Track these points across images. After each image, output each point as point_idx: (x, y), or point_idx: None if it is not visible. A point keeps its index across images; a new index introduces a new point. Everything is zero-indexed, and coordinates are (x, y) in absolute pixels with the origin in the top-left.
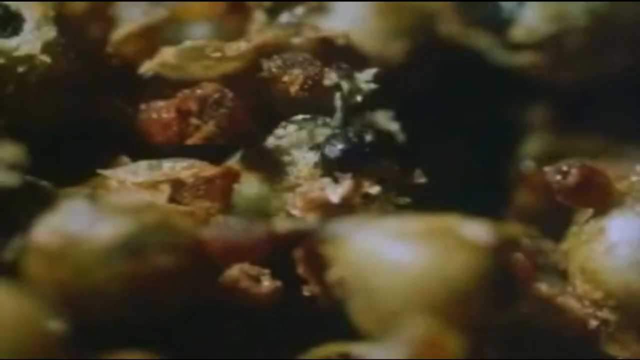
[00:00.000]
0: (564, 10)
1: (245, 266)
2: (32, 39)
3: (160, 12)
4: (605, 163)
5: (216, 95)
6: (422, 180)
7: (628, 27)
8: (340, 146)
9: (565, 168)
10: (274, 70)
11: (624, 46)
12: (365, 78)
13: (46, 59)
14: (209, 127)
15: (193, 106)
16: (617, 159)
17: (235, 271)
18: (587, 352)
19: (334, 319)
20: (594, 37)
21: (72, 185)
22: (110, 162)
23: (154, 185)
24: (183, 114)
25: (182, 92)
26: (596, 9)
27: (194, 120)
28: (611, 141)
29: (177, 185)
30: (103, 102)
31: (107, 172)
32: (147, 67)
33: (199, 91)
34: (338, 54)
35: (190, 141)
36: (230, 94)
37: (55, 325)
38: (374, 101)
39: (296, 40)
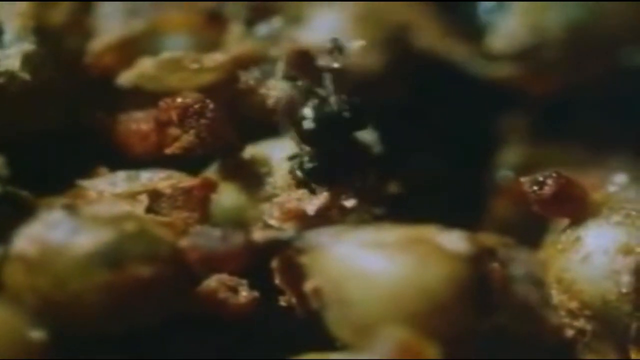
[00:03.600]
0: (542, 21)
1: (224, 277)
2: (11, 51)
3: (138, 23)
4: (582, 172)
5: (197, 106)
6: (399, 190)
7: (605, 37)
8: (313, 116)
9: (541, 178)
10: (250, 82)
11: (601, 56)
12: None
13: (26, 70)
14: (188, 137)
15: (174, 115)
16: (594, 168)
17: (213, 281)
18: None
19: (311, 328)
20: (572, 48)
21: (51, 195)
22: (88, 172)
23: (132, 196)
24: (162, 124)
25: (163, 101)
26: (575, 20)
27: (172, 131)
28: (588, 151)
29: (155, 195)
30: (81, 113)
31: (85, 183)
32: (125, 78)
33: (180, 100)
34: (315, 65)
35: (169, 150)
36: (211, 105)
37: (37, 334)
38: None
39: (273, 52)
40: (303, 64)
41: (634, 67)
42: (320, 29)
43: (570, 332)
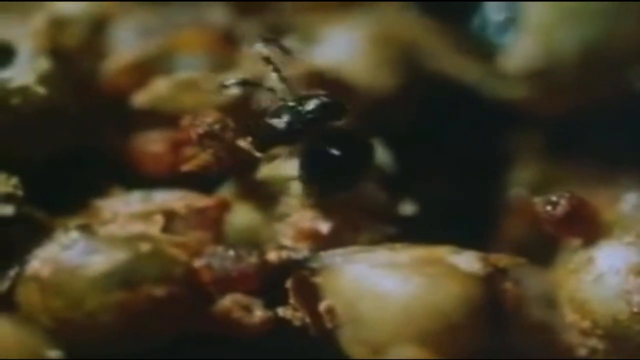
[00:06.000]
0: (555, 41)
1: (238, 296)
2: (26, 71)
3: (152, 44)
4: (594, 191)
5: (218, 125)
6: (411, 211)
7: (619, 58)
8: (285, 117)
9: (554, 199)
10: (264, 101)
11: (614, 76)
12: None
13: (41, 90)
14: (205, 156)
15: (194, 134)
16: (606, 187)
17: (227, 301)
18: None
19: (325, 348)
20: (586, 68)
21: (66, 215)
22: (103, 192)
23: (147, 216)
24: (177, 144)
25: (185, 119)
26: (588, 40)
27: (187, 151)
28: (601, 169)
29: (170, 215)
30: (96, 133)
31: (100, 203)
32: (139, 100)
33: (201, 120)
34: (327, 85)
35: (185, 167)
36: (231, 125)
37: (52, 354)
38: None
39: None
40: None
41: None
42: (334, 48)
43: (582, 351)
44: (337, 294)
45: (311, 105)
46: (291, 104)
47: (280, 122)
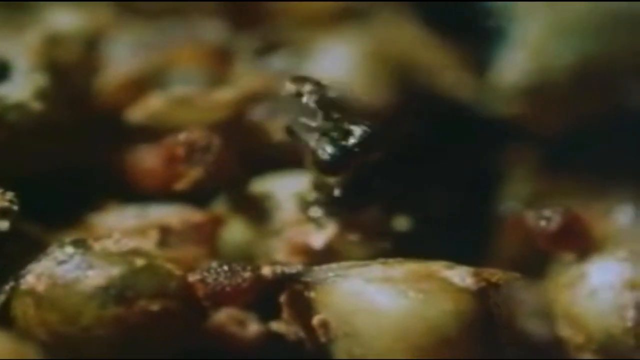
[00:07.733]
0: (550, 57)
1: (232, 310)
2: (22, 87)
3: (147, 59)
4: (588, 206)
5: (203, 142)
6: (405, 226)
7: (612, 73)
8: (329, 149)
9: (547, 214)
10: (258, 118)
11: (608, 91)
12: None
13: (36, 106)
14: (196, 173)
15: (180, 152)
16: (600, 201)
17: (222, 315)
18: None
19: None
20: (579, 84)
21: (61, 230)
22: (98, 207)
23: (141, 231)
24: (170, 160)
25: (170, 138)
26: (582, 56)
27: (180, 166)
28: (594, 184)
29: (165, 231)
30: (91, 148)
31: (95, 218)
32: (135, 116)
33: (186, 137)
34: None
35: (177, 186)
36: (217, 140)
37: None
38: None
39: (282, 87)
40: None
41: None
42: (330, 64)
43: None
44: (331, 308)
45: (356, 136)
46: (335, 135)
47: (325, 154)
